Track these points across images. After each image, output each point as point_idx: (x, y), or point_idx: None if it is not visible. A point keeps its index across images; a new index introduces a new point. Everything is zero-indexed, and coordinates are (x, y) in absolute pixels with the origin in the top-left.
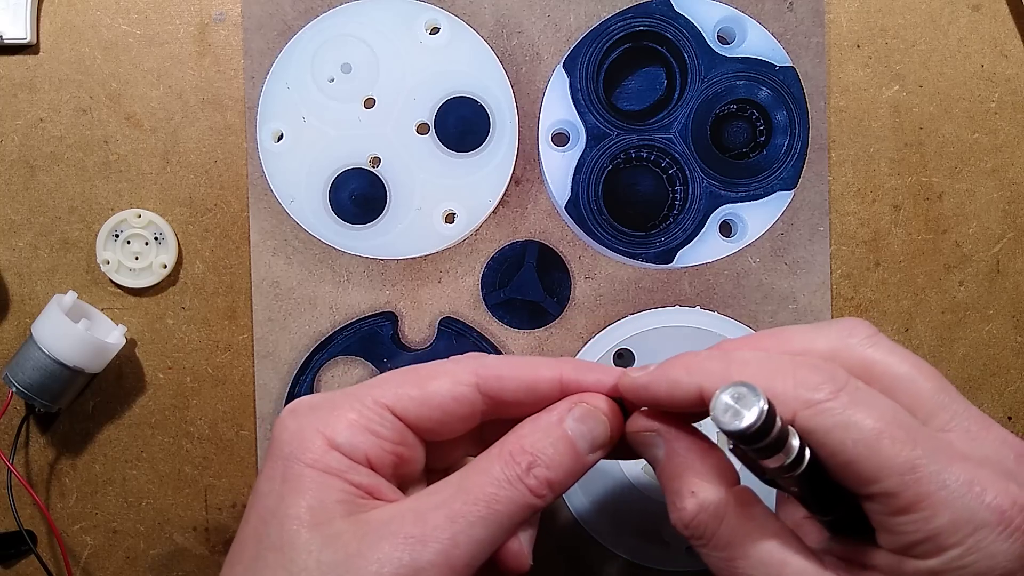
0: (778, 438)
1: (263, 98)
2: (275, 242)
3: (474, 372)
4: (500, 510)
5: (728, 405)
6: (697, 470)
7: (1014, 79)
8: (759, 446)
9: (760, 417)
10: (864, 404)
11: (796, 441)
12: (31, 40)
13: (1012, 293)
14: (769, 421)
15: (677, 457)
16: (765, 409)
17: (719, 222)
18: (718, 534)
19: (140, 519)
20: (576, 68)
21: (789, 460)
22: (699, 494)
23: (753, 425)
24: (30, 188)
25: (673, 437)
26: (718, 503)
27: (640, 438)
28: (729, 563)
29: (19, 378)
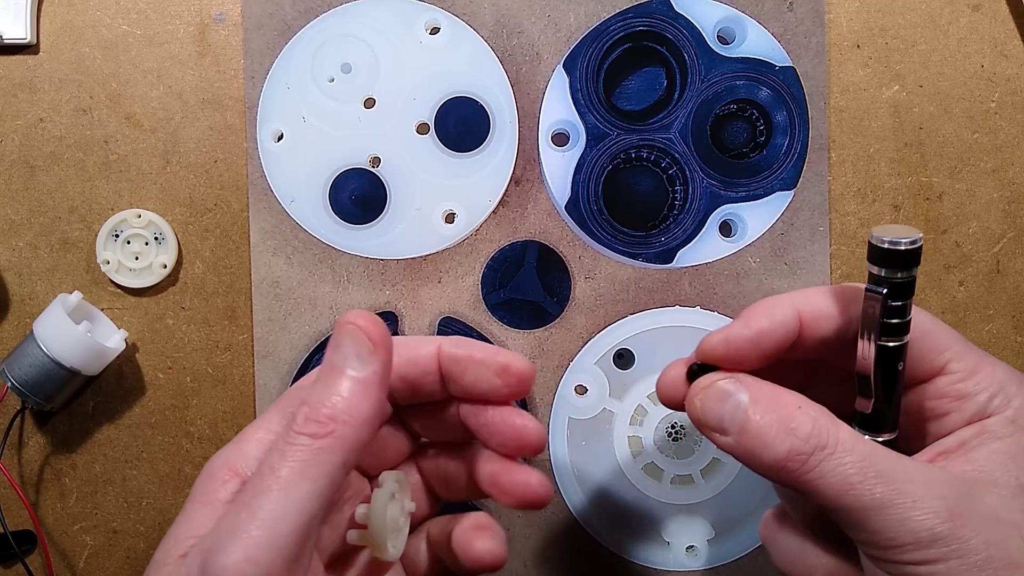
0: (913, 281)
1: (263, 98)
2: (275, 242)
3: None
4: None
5: (883, 232)
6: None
7: (1014, 79)
8: (909, 276)
9: (918, 240)
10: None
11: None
12: (31, 40)
13: (1012, 293)
14: (920, 251)
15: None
16: (920, 238)
17: (719, 222)
18: (843, 437)
19: (140, 519)
20: (576, 68)
21: (909, 318)
22: (807, 407)
23: (918, 239)
24: (30, 188)
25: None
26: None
27: (714, 391)
28: (863, 464)
29: (15, 374)
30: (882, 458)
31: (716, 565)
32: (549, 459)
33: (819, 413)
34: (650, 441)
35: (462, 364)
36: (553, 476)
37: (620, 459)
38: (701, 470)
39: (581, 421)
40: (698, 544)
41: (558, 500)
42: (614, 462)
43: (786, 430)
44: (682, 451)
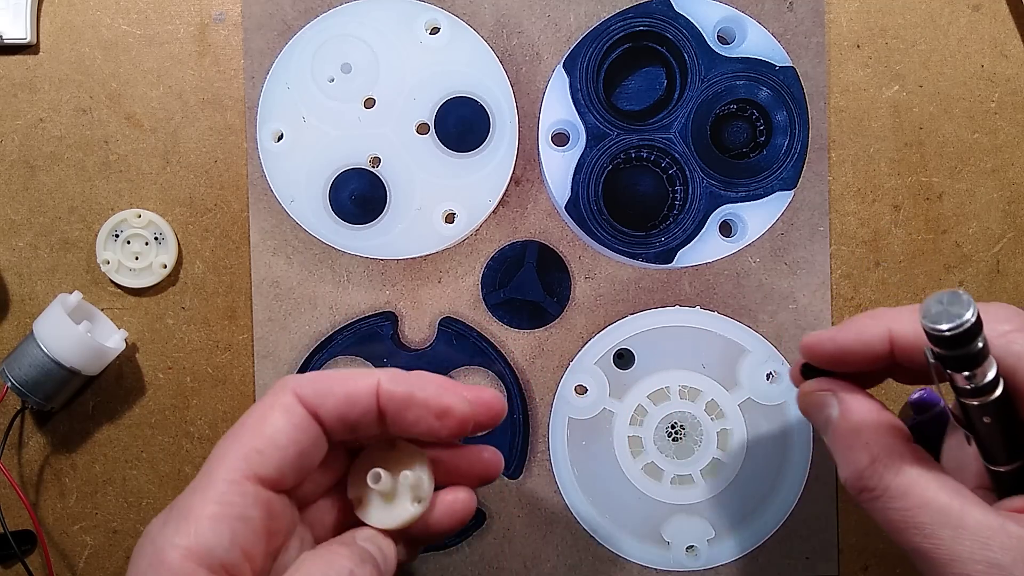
0: (981, 350)
1: (263, 98)
2: (275, 242)
3: (293, 392)
4: None
5: (939, 307)
6: (872, 425)
7: (1014, 79)
8: (965, 352)
9: (971, 317)
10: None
11: (992, 372)
12: (31, 40)
13: (1012, 293)
14: (977, 327)
15: (852, 414)
16: (975, 312)
17: (719, 222)
18: (894, 484)
19: (140, 519)
20: (576, 68)
21: (987, 380)
22: (874, 446)
23: (963, 324)
24: (30, 188)
25: (848, 395)
26: (892, 454)
27: (813, 399)
28: (907, 513)
29: (15, 373)
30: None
31: (716, 565)
32: (549, 459)
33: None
34: (650, 441)
35: (401, 403)
36: (553, 476)
37: (620, 459)
38: (701, 470)
39: (581, 421)
40: (698, 544)
41: (558, 500)
42: (614, 462)
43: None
44: (682, 451)
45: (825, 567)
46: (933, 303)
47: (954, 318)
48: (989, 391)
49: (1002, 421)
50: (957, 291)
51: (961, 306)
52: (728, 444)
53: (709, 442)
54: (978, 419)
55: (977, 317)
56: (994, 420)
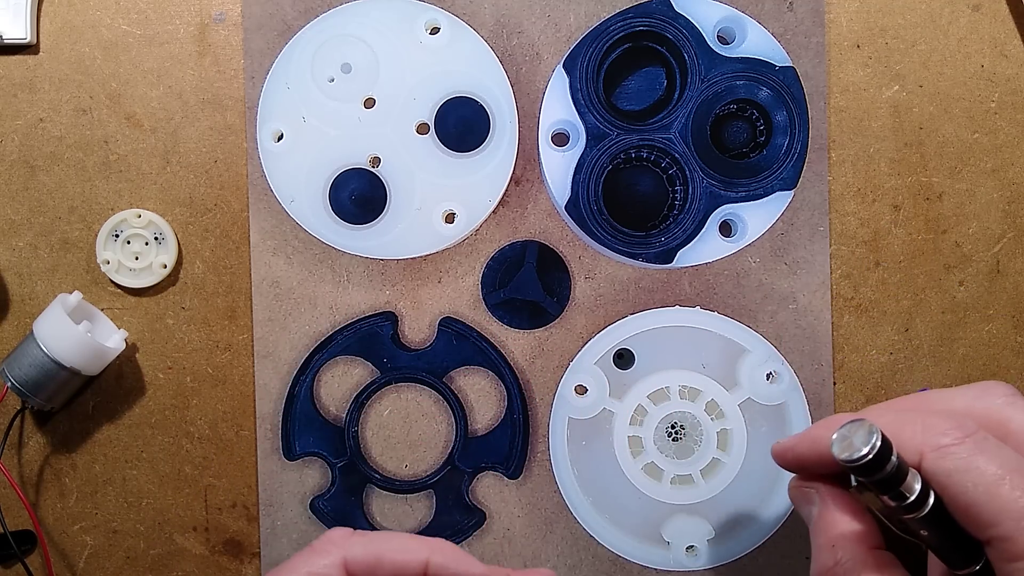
0: (895, 473)
1: (263, 98)
2: (275, 242)
3: (342, 565)
4: None
5: (845, 437)
6: (842, 527)
7: (1014, 79)
8: (876, 478)
9: (872, 448)
10: (988, 452)
11: (918, 484)
12: (31, 40)
13: (1012, 293)
14: (883, 453)
15: (827, 513)
16: (878, 441)
17: (719, 222)
18: None
19: (140, 519)
20: (576, 68)
21: (910, 499)
22: (838, 549)
23: (866, 455)
24: (30, 188)
25: (828, 495)
26: (854, 560)
27: (800, 492)
28: None
29: (15, 374)
30: None
31: (716, 565)
32: (549, 459)
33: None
34: (650, 441)
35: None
36: (553, 476)
37: (620, 459)
38: (701, 470)
39: (581, 421)
40: (698, 544)
41: (558, 500)
42: (614, 462)
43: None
44: (682, 451)
45: None
46: (841, 433)
47: (857, 449)
48: (917, 507)
49: (943, 530)
50: (862, 421)
51: (863, 438)
52: (728, 444)
53: (709, 442)
54: (916, 532)
55: (880, 447)
56: (932, 531)
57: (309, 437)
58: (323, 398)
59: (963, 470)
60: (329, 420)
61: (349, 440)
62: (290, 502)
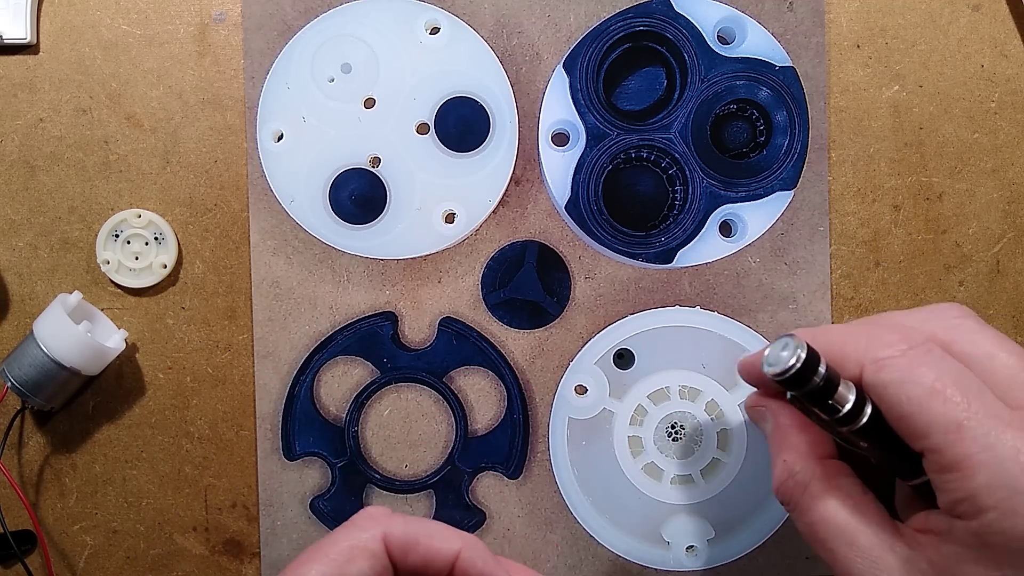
0: (824, 386)
1: (263, 98)
2: (275, 242)
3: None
4: None
5: (775, 352)
6: (791, 442)
7: (1014, 79)
8: (805, 390)
9: (797, 360)
10: (928, 364)
11: (852, 396)
12: (31, 40)
13: (1012, 293)
14: (808, 366)
15: (778, 429)
16: (803, 354)
17: (719, 222)
18: (801, 501)
19: (140, 519)
20: (576, 68)
21: (843, 412)
22: (788, 463)
23: (790, 368)
24: (30, 188)
25: (777, 411)
26: (803, 471)
27: (754, 412)
28: (810, 528)
29: (15, 374)
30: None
31: (716, 565)
32: (549, 459)
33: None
34: (650, 441)
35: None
36: (553, 476)
37: (620, 459)
38: (701, 470)
39: (581, 421)
40: (698, 544)
41: (558, 500)
42: (614, 462)
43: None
44: (682, 451)
45: (825, 567)
46: (772, 348)
47: (784, 362)
48: (851, 420)
49: (883, 443)
50: (792, 336)
51: (790, 351)
52: (728, 444)
53: (709, 442)
54: (856, 444)
55: (805, 360)
56: (871, 444)
57: (309, 437)
58: (323, 398)
59: (899, 382)
60: (329, 420)
61: (349, 440)
62: (290, 502)
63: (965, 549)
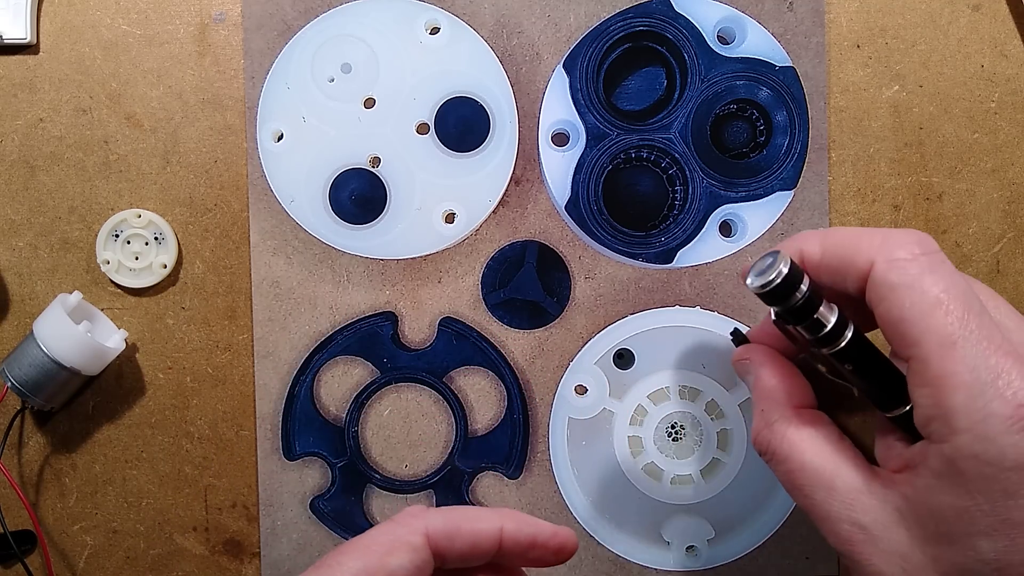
0: (806, 303)
1: (263, 98)
2: (275, 242)
3: (425, 535)
4: None
5: (758, 267)
6: (770, 389)
7: (1014, 79)
8: (787, 307)
9: (779, 274)
10: (938, 273)
11: (834, 316)
12: (31, 40)
13: (1012, 293)
14: (791, 280)
15: (759, 379)
16: (785, 267)
17: (719, 222)
18: (778, 449)
19: (140, 519)
20: (576, 68)
21: (826, 330)
22: (765, 411)
23: (773, 280)
24: (30, 188)
25: (759, 362)
26: (781, 419)
27: (740, 364)
28: (788, 475)
29: (15, 374)
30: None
31: (716, 565)
32: (549, 459)
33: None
34: (650, 441)
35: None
36: (553, 476)
37: (620, 459)
38: (701, 470)
39: (581, 421)
40: (698, 544)
41: (558, 500)
42: (614, 462)
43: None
44: (682, 451)
45: (825, 567)
46: (757, 263)
47: (766, 275)
48: (833, 339)
49: (866, 366)
50: (778, 252)
51: (773, 265)
52: (728, 444)
53: (709, 442)
54: (842, 368)
55: (788, 274)
56: (856, 367)
57: (309, 437)
58: (323, 398)
59: (907, 285)
60: (329, 420)
61: (349, 440)
62: (290, 502)
63: (937, 480)
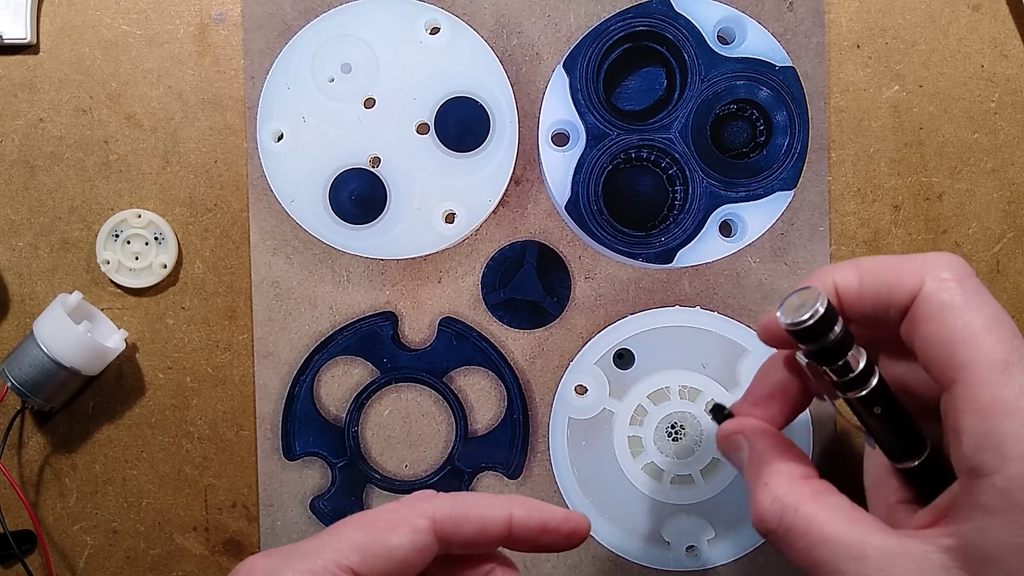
0: (839, 343)
1: (263, 98)
2: (275, 242)
3: (431, 518)
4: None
5: (792, 303)
6: (772, 464)
7: (1014, 79)
8: (820, 346)
9: (815, 314)
10: (983, 297)
11: (863, 360)
12: (31, 40)
13: (1012, 293)
14: (828, 318)
15: (756, 455)
16: (822, 307)
17: (719, 222)
18: (794, 524)
19: (140, 519)
20: (576, 68)
21: (855, 373)
22: (771, 486)
23: (806, 321)
24: (30, 188)
25: (754, 437)
26: (790, 493)
27: (728, 443)
28: (809, 552)
29: (15, 374)
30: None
31: (716, 565)
32: (549, 459)
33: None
34: (650, 441)
35: (536, 532)
36: (553, 476)
37: (620, 459)
38: (701, 470)
39: (581, 421)
40: (698, 544)
41: (558, 500)
42: (614, 462)
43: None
44: (682, 451)
45: None
46: (789, 300)
47: (801, 313)
48: (861, 383)
49: (888, 413)
50: (812, 288)
51: (810, 303)
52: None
53: (709, 442)
54: (867, 413)
55: (824, 313)
56: (883, 411)
57: (309, 437)
58: (323, 398)
59: (959, 307)
60: (329, 420)
61: (349, 440)
62: (290, 502)
63: (990, 518)
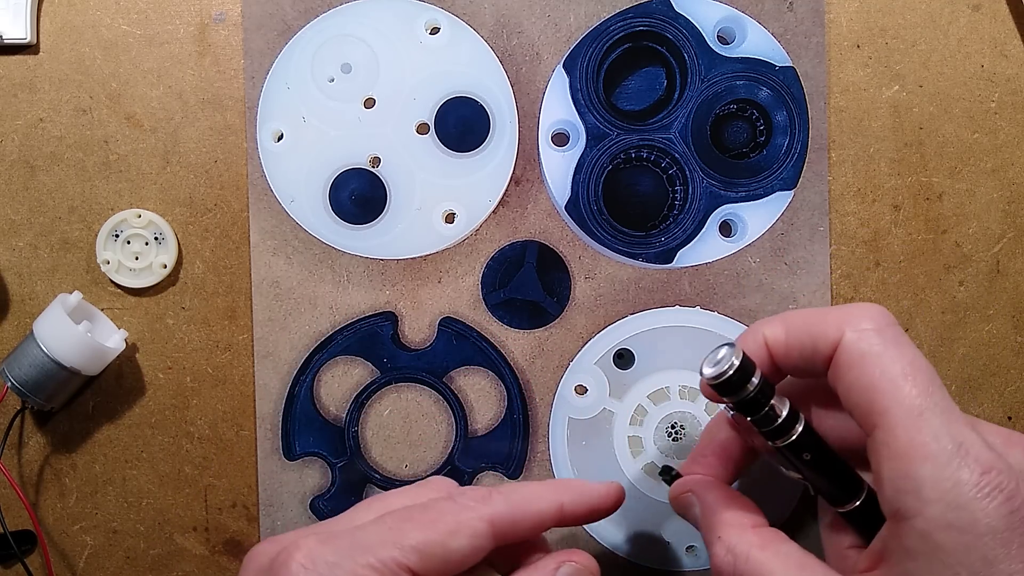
0: (759, 394)
1: (263, 98)
2: (275, 242)
3: (489, 522)
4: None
5: (712, 359)
6: (722, 518)
7: (1014, 79)
8: (740, 398)
9: (731, 366)
10: (903, 347)
11: (786, 409)
12: (31, 40)
13: (1012, 293)
14: (744, 371)
15: (707, 509)
16: (737, 359)
17: (719, 222)
18: (746, 572)
19: (140, 519)
20: (576, 68)
21: (778, 422)
22: (724, 537)
23: (725, 373)
24: (30, 188)
25: (702, 492)
26: (740, 542)
27: (679, 503)
28: None
29: (15, 374)
30: None
31: None
32: (549, 459)
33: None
34: (650, 441)
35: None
36: (553, 476)
37: (620, 459)
38: None
39: (581, 421)
40: (698, 544)
41: None
42: (614, 462)
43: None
44: (682, 451)
45: None
46: (710, 355)
47: (719, 366)
48: (785, 431)
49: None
50: (731, 344)
51: (727, 357)
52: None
53: None
54: (798, 460)
55: (740, 365)
56: (811, 457)
57: (309, 437)
58: (323, 398)
59: (878, 355)
60: (329, 420)
61: (349, 440)
62: (290, 502)
63: (914, 561)
